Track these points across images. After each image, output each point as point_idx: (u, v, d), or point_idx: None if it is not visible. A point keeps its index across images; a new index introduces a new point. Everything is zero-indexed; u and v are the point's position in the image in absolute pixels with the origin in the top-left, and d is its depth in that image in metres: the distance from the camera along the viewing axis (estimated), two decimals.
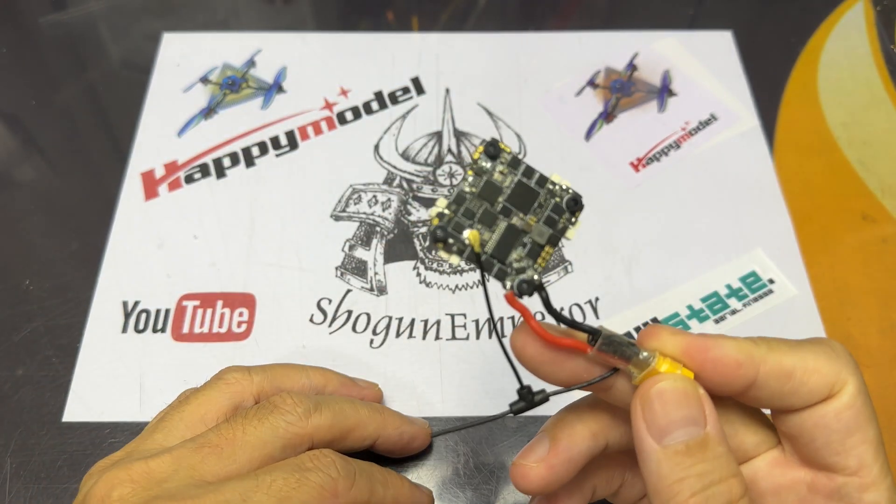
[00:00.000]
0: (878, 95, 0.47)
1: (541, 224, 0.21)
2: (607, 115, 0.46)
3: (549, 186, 0.21)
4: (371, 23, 0.50)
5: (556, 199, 0.21)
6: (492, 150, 0.21)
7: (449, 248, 0.20)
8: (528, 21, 0.50)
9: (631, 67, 0.48)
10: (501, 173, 0.21)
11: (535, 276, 0.21)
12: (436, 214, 0.20)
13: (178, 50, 0.48)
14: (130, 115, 0.45)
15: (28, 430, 0.34)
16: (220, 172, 0.43)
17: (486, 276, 0.21)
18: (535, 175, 0.21)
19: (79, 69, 0.48)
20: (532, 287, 0.20)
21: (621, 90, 0.47)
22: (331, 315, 0.38)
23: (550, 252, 0.21)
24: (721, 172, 0.43)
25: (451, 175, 0.43)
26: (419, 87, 0.47)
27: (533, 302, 0.21)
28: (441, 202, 0.21)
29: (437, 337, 0.37)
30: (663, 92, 0.47)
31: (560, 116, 0.46)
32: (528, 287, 0.20)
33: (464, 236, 0.20)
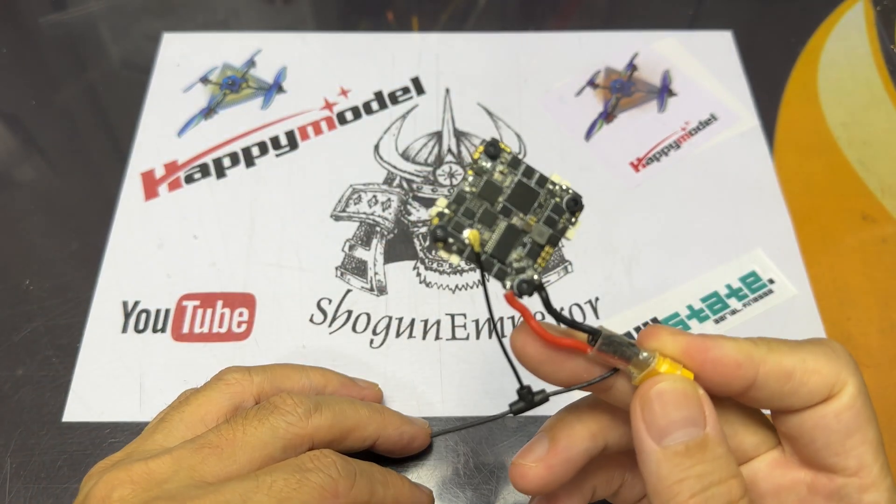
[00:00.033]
0: (878, 95, 0.47)
1: (541, 224, 0.21)
2: (607, 115, 0.46)
3: (549, 186, 0.21)
4: (371, 23, 0.50)
5: (556, 199, 0.21)
6: (492, 150, 0.21)
7: (449, 248, 0.20)
8: (528, 21, 0.50)
9: (631, 67, 0.48)
10: (501, 173, 0.21)
11: (535, 276, 0.21)
12: (436, 214, 0.20)
13: (178, 50, 0.48)
14: (130, 115, 0.45)
15: (28, 430, 0.34)
16: (220, 172, 0.43)
17: (486, 276, 0.21)
18: (536, 175, 0.21)
19: (79, 69, 0.48)
20: (532, 287, 0.20)
21: (621, 90, 0.47)
22: (331, 315, 0.38)
23: (550, 252, 0.21)
24: (721, 172, 0.43)
25: (451, 175, 0.43)
26: (419, 87, 0.47)
27: (533, 302, 0.21)
28: (441, 202, 0.21)
29: (437, 337, 0.37)
30: (663, 92, 0.47)
31: (560, 116, 0.46)
32: (528, 287, 0.20)
33: (464, 236, 0.20)
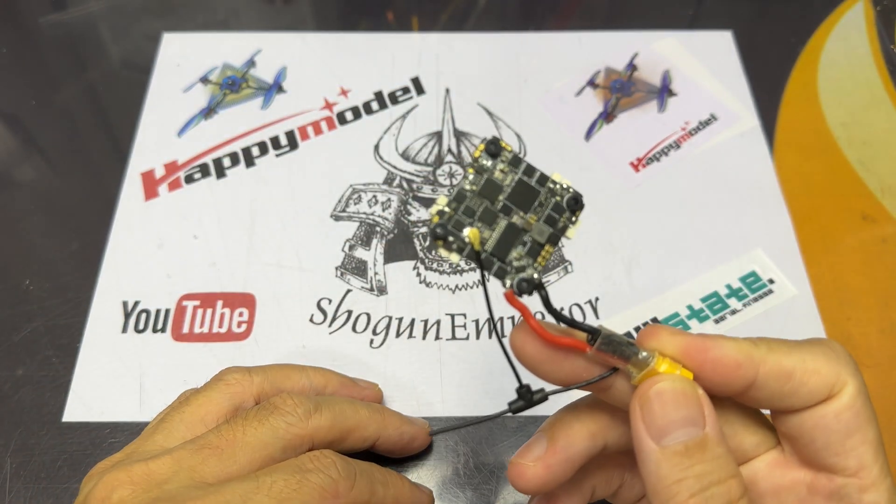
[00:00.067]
0: (878, 95, 0.47)
1: (541, 223, 0.21)
2: (607, 115, 0.46)
3: (550, 185, 0.21)
4: (371, 23, 0.50)
5: (557, 198, 0.21)
6: (493, 149, 0.21)
7: (449, 246, 0.20)
8: (528, 21, 0.50)
9: (631, 67, 0.48)
10: (502, 172, 0.21)
11: (535, 275, 0.21)
12: (436, 212, 0.20)
13: (178, 50, 0.48)
14: (130, 115, 0.45)
15: (28, 430, 0.34)
16: (220, 172, 0.43)
17: (486, 275, 0.21)
18: (536, 174, 0.21)
19: (79, 69, 0.48)
20: (532, 286, 0.20)
21: (621, 90, 0.47)
22: (331, 315, 0.38)
23: (550, 251, 0.21)
24: (721, 172, 0.43)
25: (451, 175, 0.43)
26: (419, 87, 0.47)
27: (533, 301, 0.21)
28: (441, 200, 0.21)
29: (437, 337, 0.37)
30: (663, 92, 0.47)
31: (560, 116, 0.46)
32: (528, 286, 0.20)
33: (464, 234, 0.20)
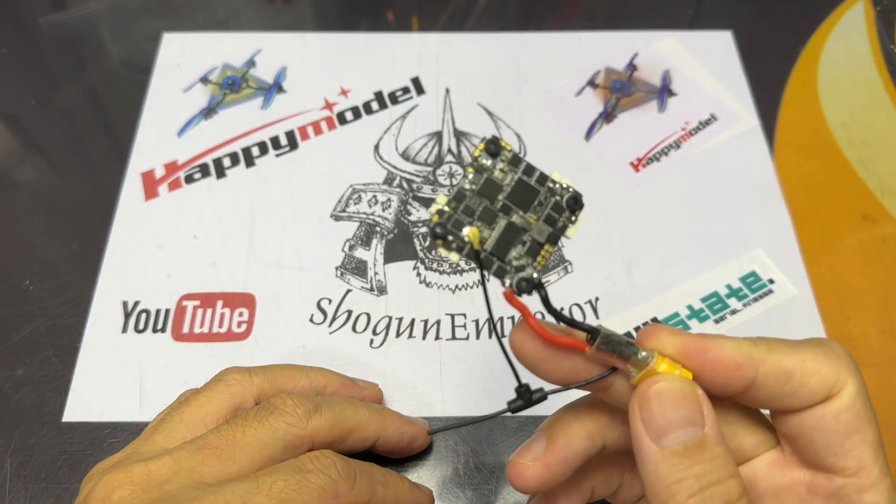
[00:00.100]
0: (878, 95, 0.47)
1: (541, 222, 0.21)
2: (607, 115, 0.46)
3: (550, 185, 0.21)
4: (371, 23, 0.50)
5: (557, 198, 0.21)
6: (492, 148, 0.21)
7: (448, 245, 0.20)
8: (528, 21, 0.50)
9: (631, 67, 0.48)
10: (502, 171, 0.21)
11: (535, 275, 0.21)
12: (436, 211, 0.20)
13: (178, 50, 0.48)
14: (130, 115, 0.45)
15: (28, 430, 0.34)
16: (220, 172, 0.43)
17: (486, 275, 0.21)
18: (536, 173, 0.21)
19: (79, 69, 0.48)
20: (531, 285, 0.20)
21: (621, 90, 0.47)
22: (331, 315, 0.38)
23: (550, 251, 0.21)
24: (721, 172, 0.43)
25: (451, 175, 0.43)
26: (419, 87, 0.47)
27: (532, 301, 0.21)
28: (441, 199, 0.21)
29: (437, 337, 0.37)
30: (663, 92, 0.47)
31: (560, 116, 0.46)
32: (527, 285, 0.20)
33: (463, 233, 0.20)
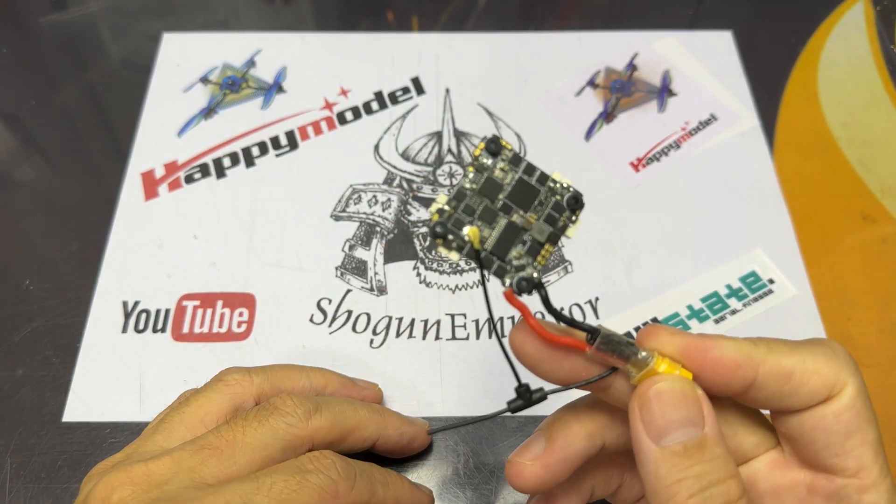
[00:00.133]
0: (878, 95, 0.47)
1: (541, 222, 0.21)
2: (607, 115, 0.46)
3: (550, 184, 0.21)
4: (371, 23, 0.50)
5: (557, 197, 0.21)
6: (493, 147, 0.21)
7: (448, 245, 0.20)
8: (528, 21, 0.50)
9: (631, 67, 0.48)
10: (502, 170, 0.21)
11: (535, 274, 0.21)
12: (436, 210, 0.20)
13: (178, 50, 0.48)
14: (130, 115, 0.45)
15: (28, 430, 0.34)
16: (220, 172, 0.43)
17: (486, 275, 0.21)
18: (536, 173, 0.21)
19: (79, 69, 0.48)
20: (531, 285, 0.20)
21: (621, 90, 0.47)
22: (331, 315, 0.38)
23: (550, 250, 0.21)
24: (721, 172, 0.43)
25: (451, 175, 0.43)
26: (419, 87, 0.47)
27: (532, 301, 0.21)
28: (441, 198, 0.21)
29: (437, 337, 0.37)
30: (663, 92, 0.47)
31: (560, 116, 0.46)
32: (528, 285, 0.20)
33: (463, 233, 0.20)
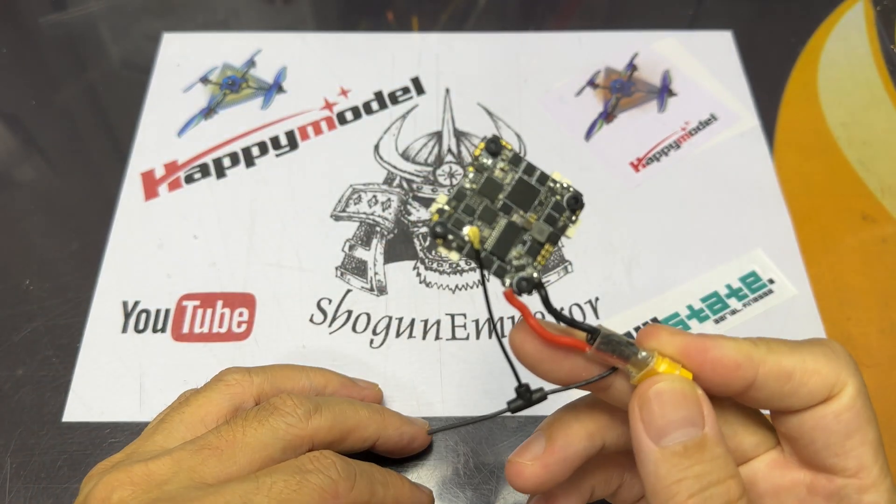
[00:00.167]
0: (878, 95, 0.47)
1: (541, 222, 0.21)
2: (607, 115, 0.46)
3: (550, 184, 0.21)
4: (371, 23, 0.50)
5: (557, 197, 0.21)
6: (493, 147, 0.21)
7: (448, 245, 0.20)
8: (528, 21, 0.50)
9: (631, 67, 0.48)
10: (502, 170, 0.21)
11: (535, 274, 0.21)
12: (436, 210, 0.20)
13: (178, 50, 0.48)
14: (130, 115, 0.45)
15: (28, 430, 0.34)
16: (220, 172, 0.43)
17: (486, 275, 0.21)
18: (537, 173, 0.21)
19: (79, 69, 0.48)
20: (531, 285, 0.20)
21: (621, 90, 0.47)
22: (331, 315, 0.38)
23: (550, 250, 0.21)
24: (721, 172, 0.43)
25: (451, 175, 0.43)
26: (419, 87, 0.47)
27: (532, 301, 0.21)
28: (441, 198, 0.21)
29: (437, 337, 0.37)
30: (663, 92, 0.47)
31: (560, 116, 0.46)
32: (528, 284, 0.20)
33: (463, 233, 0.20)
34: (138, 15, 0.50)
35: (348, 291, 0.38)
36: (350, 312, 0.38)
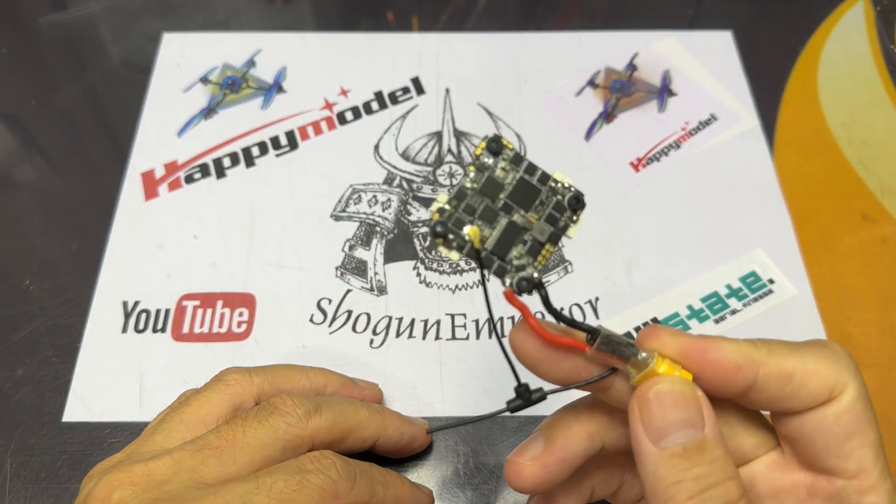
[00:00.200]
0: (878, 95, 0.47)
1: (542, 222, 0.21)
2: (607, 115, 0.46)
3: (551, 184, 0.21)
4: (371, 23, 0.50)
5: (558, 197, 0.21)
6: (494, 146, 0.21)
7: (449, 244, 0.20)
8: (528, 21, 0.50)
9: (631, 67, 0.48)
10: (503, 170, 0.21)
11: (535, 274, 0.21)
12: (436, 210, 0.20)
13: (178, 50, 0.48)
14: (130, 115, 0.45)
15: (28, 430, 0.34)
16: (220, 172, 0.43)
17: (486, 275, 0.21)
18: (538, 172, 0.21)
19: (79, 69, 0.48)
20: (531, 285, 0.20)
21: (621, 90, 0.47)
22: (331, 315, 0.38)
23: (551, 250, 0.21)
24: (721, 172, 0.43)
25: (451, 175, 0.43)
26: (419, 87, 0.47)
27: (533, 301, 0.21)
28: (442, 197, 0.20)
29: (437, 337, 0.37)
30: (663, 92, 0.47)
31: (560, 116, 0.45)
32: (528, 284, 0.20)
33: (464, 232, 0.20)
34: (138, 15, 0.50)
35: (348, 291, 0.38)
36: (350, 312, 0.38)
